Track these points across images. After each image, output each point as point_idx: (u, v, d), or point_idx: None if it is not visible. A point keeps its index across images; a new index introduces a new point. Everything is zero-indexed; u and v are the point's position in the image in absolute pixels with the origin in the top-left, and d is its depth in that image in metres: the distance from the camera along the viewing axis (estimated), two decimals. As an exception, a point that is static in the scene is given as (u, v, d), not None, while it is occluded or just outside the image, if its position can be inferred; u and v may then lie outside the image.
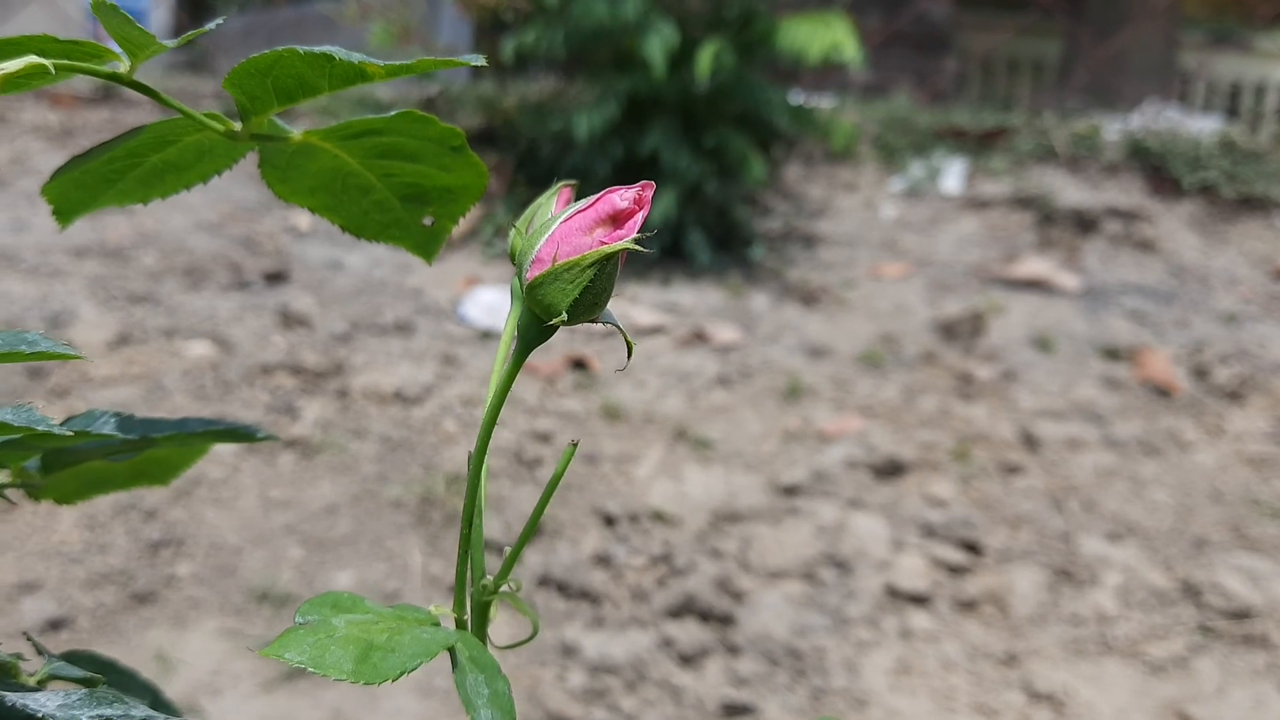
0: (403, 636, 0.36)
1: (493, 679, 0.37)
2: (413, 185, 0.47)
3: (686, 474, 2.44)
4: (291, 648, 0.34)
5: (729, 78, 3.58)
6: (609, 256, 0.36)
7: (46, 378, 2.64)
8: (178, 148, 0.44)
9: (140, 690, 0.47)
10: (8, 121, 4.45)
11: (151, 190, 0.46)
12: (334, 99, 4.60)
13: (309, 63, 0.39)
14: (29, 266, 3.29)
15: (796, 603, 2.05)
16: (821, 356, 3.04)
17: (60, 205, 0.46)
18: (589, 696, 1.81)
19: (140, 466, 0.52)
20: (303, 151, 0.45)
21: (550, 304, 0.37)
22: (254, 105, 0.42)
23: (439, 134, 0.45)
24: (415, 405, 2.60)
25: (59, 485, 0.50)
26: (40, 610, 1.92)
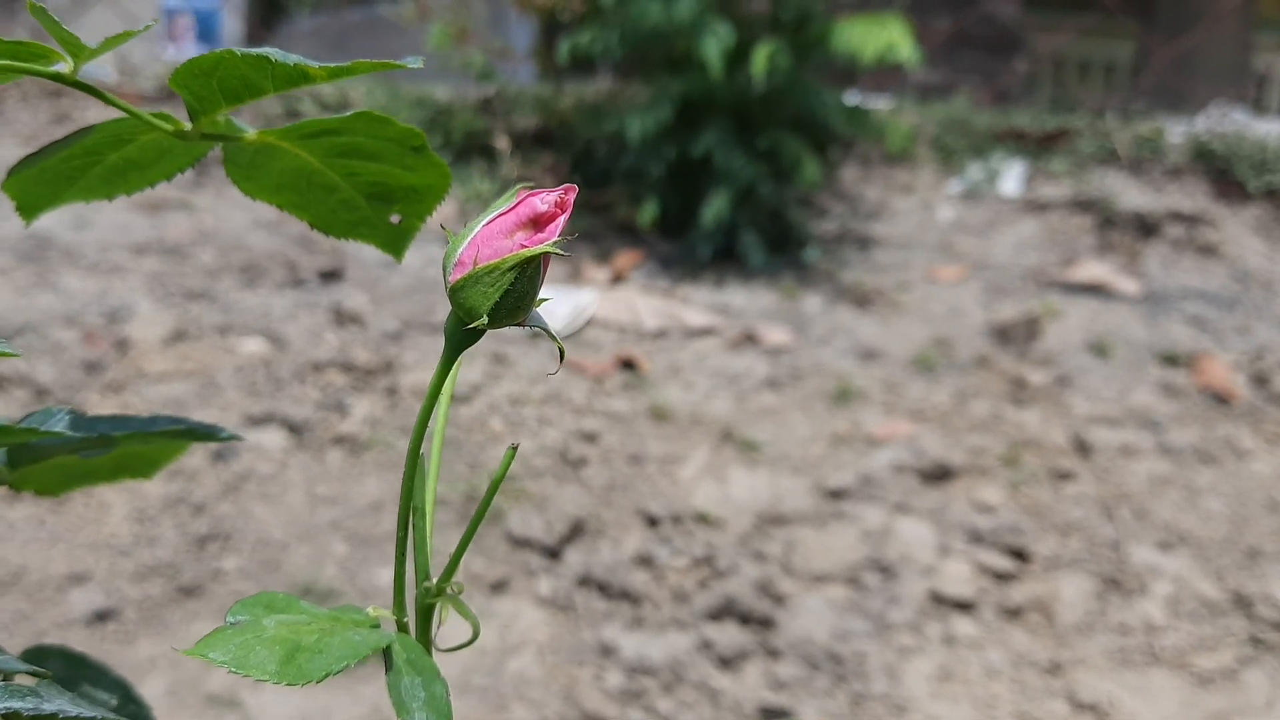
0: (332, 638, 0.36)
1: (430, 682, 0.37)
2: (377, 184, 0.47)
3: (732, 476, 2.43)
4: (216, 647, 0.34)
5: (784, 79, 3.57)
6: (529, 260, 0.36)
7: (103, 373, 2.68)
8: (136, 146, 0.45)
9: (111, 686, 0.48)
10: (72, 119, 4.54)
11: (115, 187, 0.47)
12: (393, 98, 4.64)
13: (250, 64, 0.39)
14: (89, 263, 3.35)
15: (839, 607, 2.04)
16: (873, 359, 3.02)
17: (22, 201, 0.47)
18: (626, 697, 1.81)
19: (122, 461, 0.53)
20: (265, 150, 0.46)
21: (471, 307, 0.37)
22: (202, 105, 0.42)
23: (398, 134, 0.45)
24: (463, 403, 2.62)
25: (37, 479, 0.51)
26: (88, 602, 1.95)
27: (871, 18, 3.54)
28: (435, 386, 0.37)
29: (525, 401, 2.66)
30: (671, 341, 3.11)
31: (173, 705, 1.75)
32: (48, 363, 2.69)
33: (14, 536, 2.13)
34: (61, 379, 2.62)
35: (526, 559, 2.12)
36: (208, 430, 0.50)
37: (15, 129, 4.62)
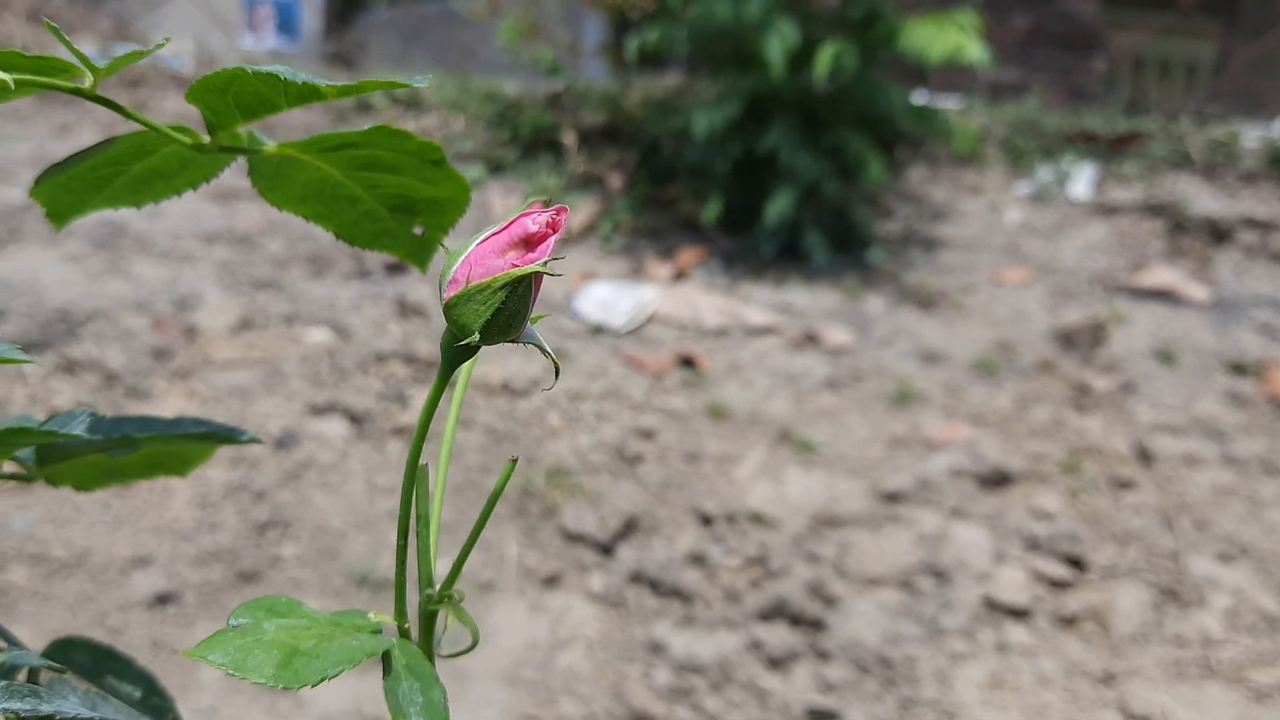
0: (330, 643, 0.37)
1: (428, 688, 0.38)
2: (399, 196, 0.48)
3: (788, 476, 2.42)
4: (216, 649, 0.35)
5: (850, 78, 3.55)
6: (520, 279, 0.36)
7: (171, 359, 2.73)
8: (159, 157, 0.46)
9: (135, 678, 0.49)
10: (149, 109, 4.62)
11: (142, 195, 0.48)
12: (463, 93, 4.68)
13: (263, 81, 0.40)
14: (161, 251, 3.41)
15: (891, 611, 2.03)
16: (935, 362, 3.00)
17: (52, 208, 0.48)
18: (674, 695, 1.81)
19: (154, 460, 0.54)
20: (287, 162, 0.47)
21: (464, 324, 0.38)
22: (219, 120, 0.43)
23: (417, 148, 0.46)
24: (522, 398, 2.64)
25: (71, 475, 0.52)
26: (149, 585, 1.99)
27: (941, 17, 3.51)
28: (433, 399, 0.38)
29: (584, 397, 2.67)
30: (732, 340, 3.11)
31: (228, 690, 1.78)
32: (118, 349, 2.74)
33: (80, 519, 2.18)
34: (130, 365, 2.67)
35: (579, 554, 2.13)
36: (229, 433, 0.51)
37: (95, 116, 4.71)
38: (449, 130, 4.54)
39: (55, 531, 2.14)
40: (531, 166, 4.23)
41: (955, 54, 3.37)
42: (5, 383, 2.60)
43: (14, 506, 2.21)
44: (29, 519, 2.16)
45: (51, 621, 1.90)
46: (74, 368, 2.66)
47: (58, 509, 2.20)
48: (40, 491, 2.27)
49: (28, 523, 2.15)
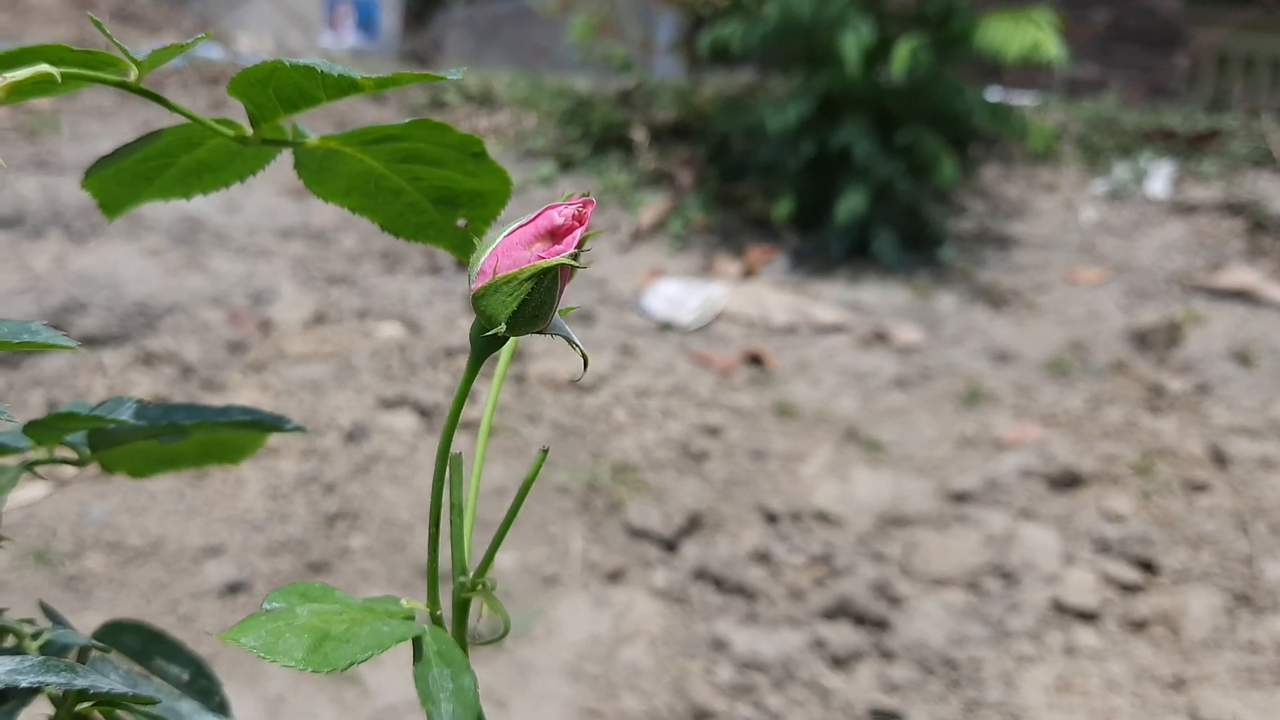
0: (361, 628, 0.37)
1: (459, 674, 0.38)
2: (442, 189, 0.49)
3: (854, 475, 2.41)
4: (249, 633, 0.35)
5: (925, 75, 3.52)
6: (545, 271, 0.37)
7: (245, 353, 2.78)
8: (206, 149, 0.47)
9: (184, 662, 0.50)
10: (229, 105, 4.68)
11: (191, 187, 0.49)
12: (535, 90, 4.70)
13: (302, 74, 0.41)
14: (238, 246, 3.47)
15: (957, 612, 2.01)
16: (1006, 362, 2.97)
17: (104, 200, 0.49)
18: (735, 692, 1.81)
19: (207, 448, 0.55)
20: (332, 155, 0.47)
21: (491, 315, 0.38)
22: (261, 112, 0.44)
23: (458, 141, 0.46)
24: (589, 393, 2.65)
25: (126, 462, 0.54)
26: (221, 574, 2.03)
27: (1018, 14, 3.47)
28: (462, 389, 0.39)
29: (650, 393, 2.68)
30: (800, 338, 3.10)
31: (296, 679, 1.81)
32: (194, 342, 2.79)
33: (155, 508, 2.22)
34: (206, 358, 2.72)
35: (643, 550, 2.14)
36: (275, 421, 0.52)
37: (175, 115, 4.79)
38: (520, 127, 4.56)
39: (131, 520, 2.19)
40: (602, 163, 4.25)
41: (1033, 51, 3.33)
42: (87, 375, 2.66)
43: (92, 495, 2.26)
44: (106, 508, 2.21)
45: (125, 608, 1.94)
46: (152, 360, 2.71)
47: (134, 498, 2.24)
48: (118, 481, 2.32)
49: (105, 511, 2.20)
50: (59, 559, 2.05)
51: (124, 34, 6.76)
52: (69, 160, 4.15)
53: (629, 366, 2.80)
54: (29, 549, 2.06)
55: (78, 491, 2.27)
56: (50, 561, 2.04)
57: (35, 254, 3.33)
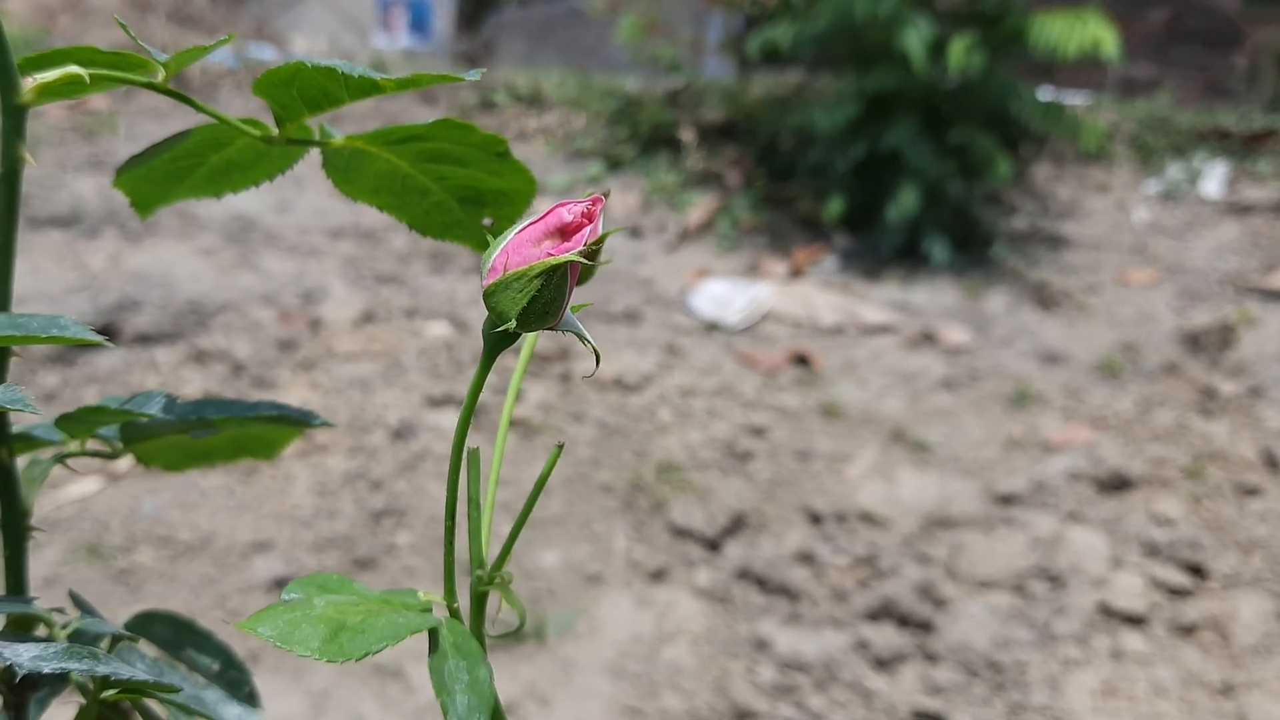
0: (377, 619, 0.38)
1: (474, 666, 0.39)
2: (467, 188, 0.49)
3: (900, 476, 2.40)
4: (266, 622, 0.36)
5: (977, 74, 3.50)
6: (555, 268, 0.37)
7: (295, 351, 2.80)
8: (235, 149, 0.48)
9: (214, 652, 0.51)
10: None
11: (221, 186, 0.50)
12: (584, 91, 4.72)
13: (324, 75, 0.42)
14: (289, 245, 3.50)
15: (1002, 614, 2.00)
16: (1055, 363, 2.94)
17: (136, 198, 0.51)
18: (777, 692, 1.81)
19: (241, 443, 0.56)
20: (358, 154, 0.48)
21: (501, 311, 0.38)
22: (286, 113, 0.45)
23: (481, 140, 0.47)
24: (634, 393, 2.65)
25: (161, 456, 0.55)
26: (269, 569, 2.05)
27: (1073, 12, 3.43)
28: (476, 383, 0.39)
29: (696, 393, 2.68)
30: (847, 338, 3.09)
31: (340, 673, 1.82)
32: (245, 340, 2.82)
33: (205, 504, 2.25)
34: (257, 356, 2.75)
35: (686, 550, 2.14)
36: (301, 417, 0.53)
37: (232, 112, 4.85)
38: (569, 127, 4.58)
39: (182, 515, 2.21)
40: (650, 163, 4.25)
41: (1093, 48, 3.30)
42: (140, 372, 2.69)
43: (144, 490, 2.29)
44: (158, 503, 2.24)
45: (175, 602, 1.96)
46: (203, 358, 2.74)
47: (185, 494, 2.27)
48: (169, 477, 2.35)
49: (156, 506, 2.23)
50: (110, 553, 2.08)
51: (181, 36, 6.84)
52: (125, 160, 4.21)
53: (674, 366, 2.81)
54: (81, 543, 2.10)
55: (130, 486, 2.30)
56: (102, 555, 2.07)
57: (91, 253, 3.39)
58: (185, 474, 2.46)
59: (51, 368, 2.70)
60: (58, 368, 2.70)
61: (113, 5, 7.50)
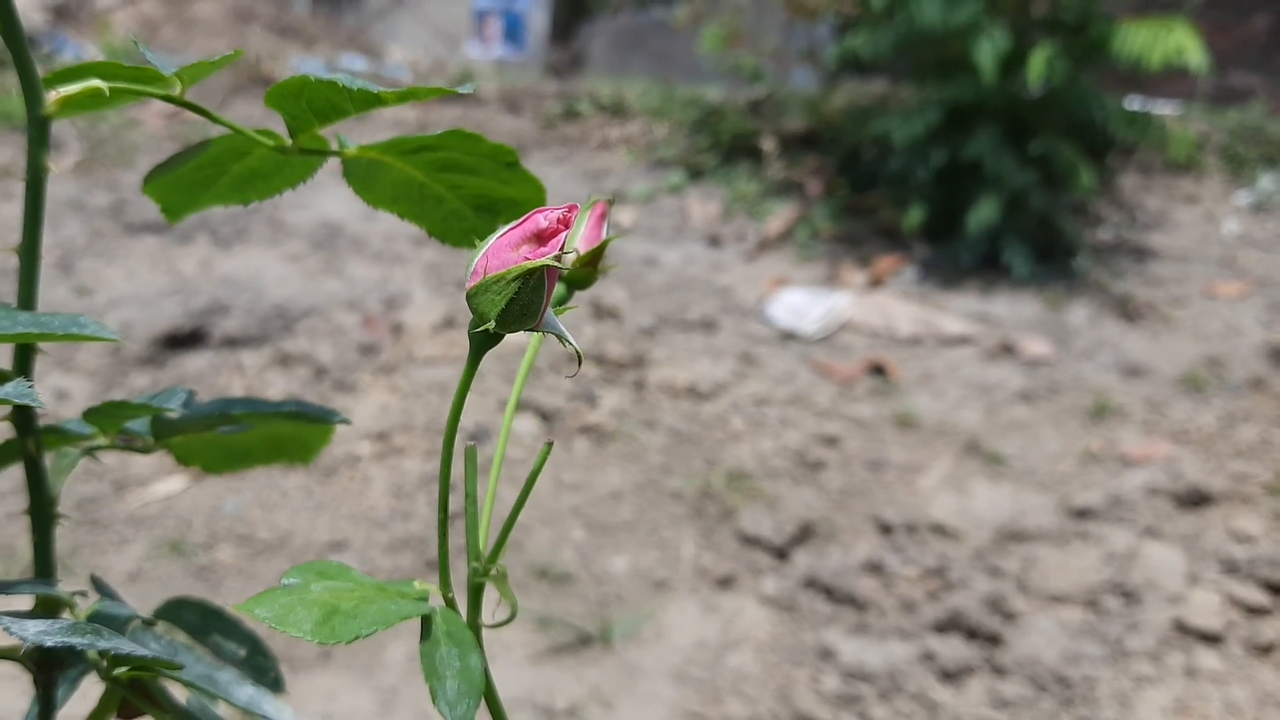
0: (370, 605, 0.40)
1: (466, 654, 0.41)
2: (480, 196, 0.51)
3: (973, 488, 2.39)
4: (264, 604, 0.38)
5: (1061, 83, 3.46)
6: (530, 272, 0.39)
7: (377, 355, 2.86)
8: (255, 158, 0.50)
9: (242, 638, 0.53)
10: (370, 119, 4.82)
11: (246, 194, 0.52)
12: (666, 100, 4.74)
13: (328, 88, 0.44)
14: (374, 252, 3.57)
15: (1073, 629, 1.98)
16: (1137, 376, 2.90)
17: (165, 204, 0.53)
18: (840, 701, 1.81)
19: (277, 444, 0.59)
20: (375, 163, 0.50)
21: (482, 312, 0.40)
22: (297, 124, 0.47)
23: (490, 150, 0.48)
24: (707, 401, 2.66)
25: (199, 455, 0.57)
26: (343, 568, 2.09)
27: (1158, 20, 3.39)
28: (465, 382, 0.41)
29: (769, 402, 2.68)
30: (925, 349, 3.07)
31: (412, 670, 1.86)
32: (328, 344, 2.88)
33: (285, 504, 2.30)
34: (339, 360, 2.81)
35: (754, 557, 2.14)
36: (321, 414, 0.55)
37: (320, 125, 4.94)
38: (651, 136, 4.60)
39: (262, 515, 2.27)
40: (730, 173, 4.26)
41: (1177, 56, 3.25)
42: (227, 374, 2.76)
43: (227, 490, 2.35)
44: (239, 502, 2.29)
45: (252, 599, 2.01)
46: (288, 361, 2.80)
47: (266, 494, 2.33)
48: (252, 477, 2.41)
49: (238, 505, 2.29)
50: (192, 550, 2.14)
51: (281, 46, 6.99)
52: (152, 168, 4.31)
53: (749, 375, 2.81)
54: (165, 540, 2.16)
55: (213, 486, 2.36)
56: (184, 552, 2.13)
57: (184, 258, 3.48)
58: (267, 474, 2.52)
59: (143, 370, 2.78)
60: (148, 370, 2.78)
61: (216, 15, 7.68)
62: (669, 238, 3.86)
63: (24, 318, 0.38)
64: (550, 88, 5.30)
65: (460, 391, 0.40)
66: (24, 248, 0.43)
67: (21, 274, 0.43)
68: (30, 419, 0.45)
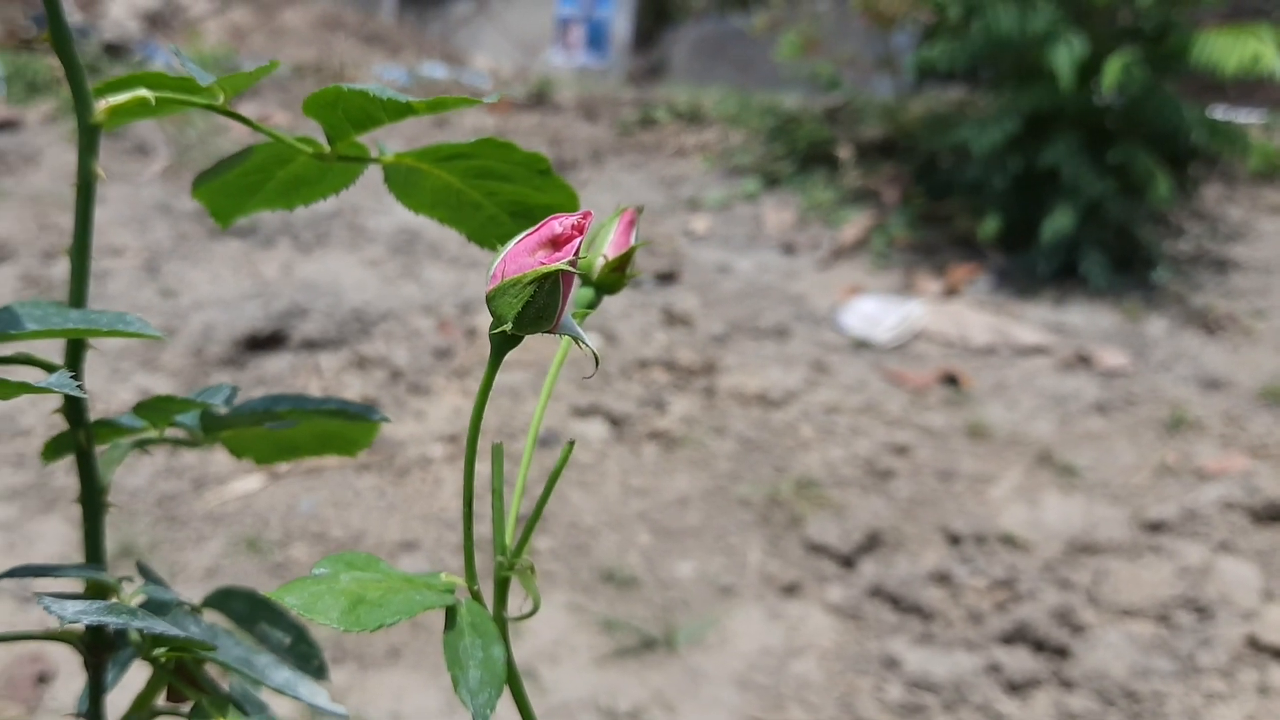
0: (395, 596, 0.41)
1: (490, 645, 0.42)
2: (516, 203, 0.52)
3: (1045, 499, 2.36)
4: (293, 593, 0.40)
5: (1140, 92, 3.42)
6: (545, 276, 0.40)
7: (451, 359, 2.90)
8: (299, 164, 0.52)
9: (288, 628, 0.55)
10: (451, 124, 4.89)
11: (292, 199, 0.54)
12: (743, 108, 4.74)
13: (362, 98, 0.45)
14: (451, 257, 3.61)
15: (1143, 644, 1.95)
16: (1216, 389, 2.85)
17: (214, 209, 0.55)
18: (904, 711, 1.80)
19: (324, 439, 0.61)
20: (414, 171, 0.52)
21: (500, 315, 0.42)
22: (334, 131, 0.49)
23: (523, 159, 0.50)
24: (776, 408, 2.66)
25: (250, 449, 0.60)
26: (414, 567, 2.12)
27: (1240, 28, 3.33)
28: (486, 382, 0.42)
29: (840, 410, 2.68)
30: (999, 358, 3.04)
31: (477, 671, 1.88)
32: (404, 348, 2.93)
33: (359, 504, 2.34)
34: (414, 363, 2.85)
35: (820, 565, 2.14)
36: (362, 412, 0.57)
37: (401, 130, 5.02)
38: (727, 144, 4.61)
39: (336, 514, 2.31)
40: (806, 180, 4.26)
41: (1252, 64, 3.19)
42: (305, 375, 2.82)
43: (303, 489, 2.39)
44: (314, 501, 2.34)
45: (323, 596, 2.05)
46: (364, 363, 2.85)
47: (340, 493, 2.37)
48: (328, 476, 2.45)
49: (313, 504, 2.33)
50: (268, 547, 2.18)
51: (368, 54, 7.09)
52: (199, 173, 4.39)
53: (820, 383, 2.81)
54: (242, 537, 2.21)
55: (290, 485, 2.41)
56: (260, 550, 2.18)
57: (266, 261, 3.55)
58: (342, 474, 2.56)
59: (223, 370, 2.84)
60: (229, 370, 2.84)
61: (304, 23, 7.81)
62: (743, 245, 3.86)
63: (74, 315, 0.41)
64: (628, 95, 5.33)
65: (483, 388, 0.42)
66: (74, 250, 0.45)
67: (72, 274, 0.45)
68: (81, 412, 0.48)
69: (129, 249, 3.57)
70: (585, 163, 4.44)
